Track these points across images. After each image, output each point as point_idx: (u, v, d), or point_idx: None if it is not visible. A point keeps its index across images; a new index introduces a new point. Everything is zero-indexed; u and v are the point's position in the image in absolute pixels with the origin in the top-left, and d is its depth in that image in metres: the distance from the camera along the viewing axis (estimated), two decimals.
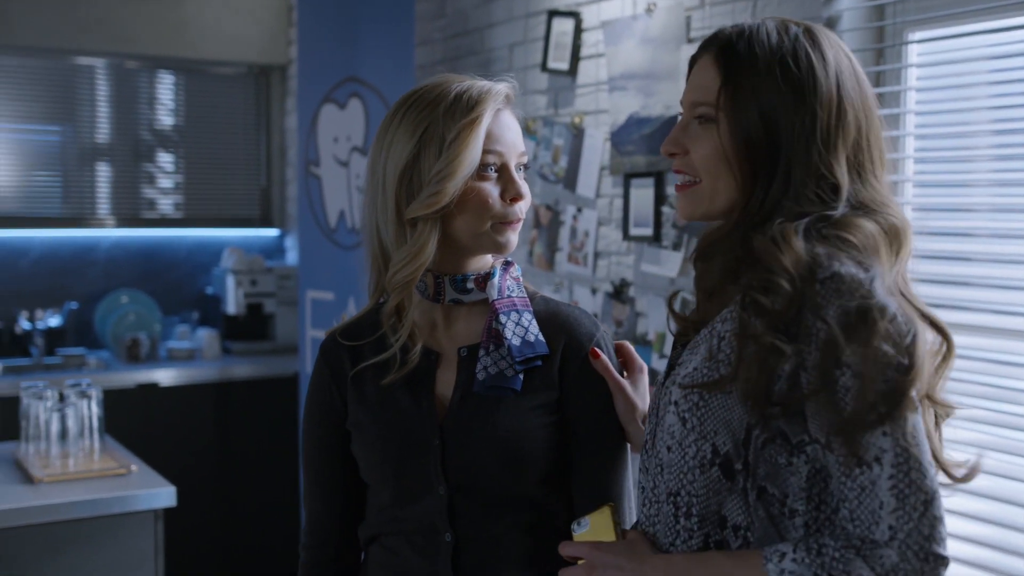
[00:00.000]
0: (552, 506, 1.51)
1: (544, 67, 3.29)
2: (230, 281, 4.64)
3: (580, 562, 1.32)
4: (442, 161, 1.43)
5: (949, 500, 2.19)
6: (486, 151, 1.44)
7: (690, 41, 2.84)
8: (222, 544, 4.37)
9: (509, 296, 1.52)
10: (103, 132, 4.75)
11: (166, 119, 4.90)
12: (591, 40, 3.17)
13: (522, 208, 1.49)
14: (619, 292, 3.05)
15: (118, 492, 2.51)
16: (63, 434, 2.68)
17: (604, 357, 1.51)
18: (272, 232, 5.14)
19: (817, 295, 1.16)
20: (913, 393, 1.14)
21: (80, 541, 2.49)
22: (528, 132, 3.40)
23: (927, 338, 1.21)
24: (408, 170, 1.45)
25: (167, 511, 2.57)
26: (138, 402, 4.20)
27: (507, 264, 1.56)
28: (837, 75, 1.27)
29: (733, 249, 1.25)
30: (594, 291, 3.16)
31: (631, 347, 1.57)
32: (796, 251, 1.19)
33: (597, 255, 3.16)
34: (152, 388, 4.24)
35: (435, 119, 1.44)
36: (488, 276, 1.51)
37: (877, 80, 2.50)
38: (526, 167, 1.52)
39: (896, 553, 1.12)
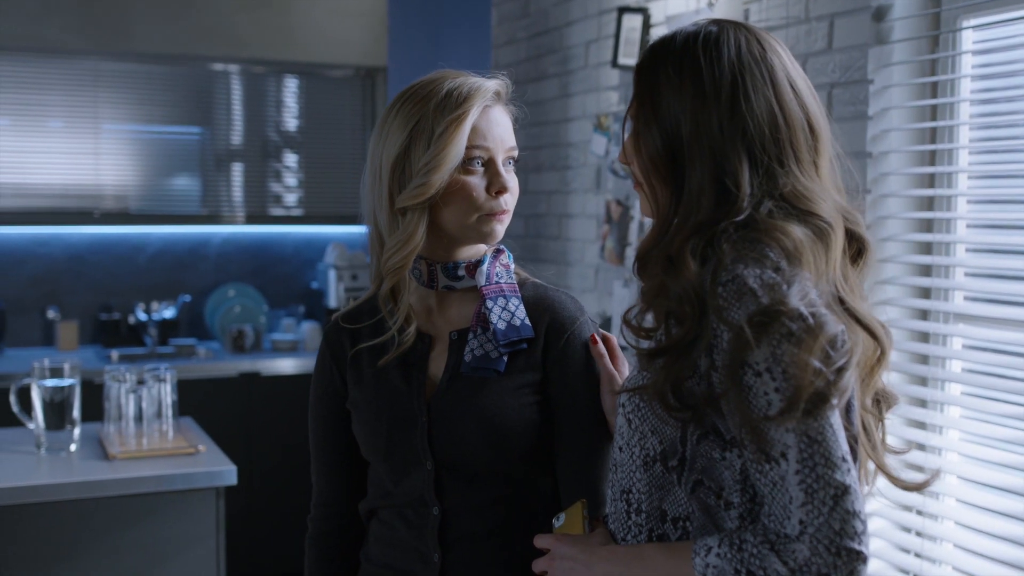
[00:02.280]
0: (534, 481, 1.57)
1: (615, 63, 3.31)
2: (332, 276, 4.81)
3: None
4: (429, 154, 1.49)
5: (1008, 503, 2.14)
6: (472, 146, 1.51)
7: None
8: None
9: (497, 282, 1.58)
10: (236, 134, 5.01)
11: (289, 121, 5.12)
12: (658, 35, 3.17)
13: (507, 200, 1.55)
14: None
15: (183, 470, 2.66)
16: (140, 415, 2.85)
17: (601, 346, 1.56)
18: None
19: (719, 298, 1.17)
20: (825, 392, 1.14)
21: (148, 514, 2.64)
22: (600, 128, 3.42)
23: (856, 341, 1.20)
24: (400, 161, 1.52)
25: (256, 488, 2.68)
26: (240, 390, 4.40)
27: (497, 251, 1.62)
28: (737, 72, 1.25)
29: (659, 262, 1.26)
30: None
31: (615, 340, 1.60)
32: (690, 272, 1.20)
33: None
34: (253, 377, 4.44)
35: (426, 114, 1.50)
36: (478, 263, 1.58)
37: (932, 68, 2.44)
38: (515, 160, 1.58)
39: (807, 547, 1.12)
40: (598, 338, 1.56)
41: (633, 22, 3.24)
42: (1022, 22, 2.26)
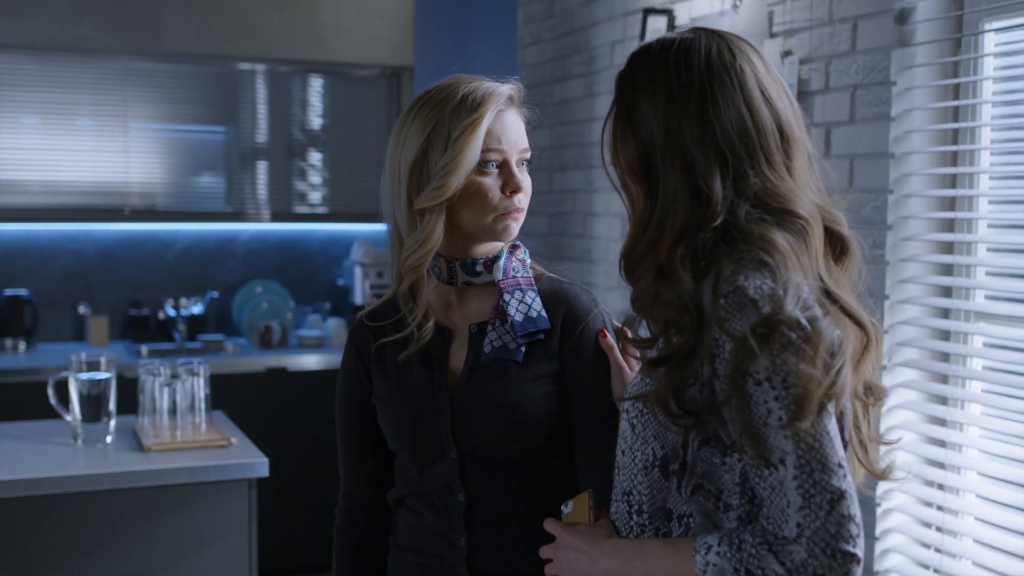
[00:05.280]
0: (553, 467, 1.63)
1: None
2: (357, 273, 4.87)
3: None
4: (446, 157, 1.56)
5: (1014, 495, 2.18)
6: (487, 149, 1.57)
7: (772, 35, 2.86)
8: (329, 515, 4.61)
9: (514, 276, 1.65)
10: (261, 132, 5.08)
11: (314, 119, 5.19)
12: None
13: (521, 199, 1.61)
14: None
15: (216, 461, 2.72)
16: (173, 408, 2.92)
17: (610, 338, 1.61)
18: None
19: (720, 309, 1.21)
20: (823, 399, 1.18)
21: (181, 505, 2.71)
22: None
23: (847, 334, 1.24)
24: (418, 164, 1.59)
25: (284, 481, 2.75)
26: (267, 385, 4.47)
27: (514, 247, 1.69)
28: (706, 79, 1.28)
29: (648, 270, 1.29)
30: None
31: (628, 332, 1.65)
32: (685, 283, 1.24)
33: None
34: (280, 372, 4.50)
35: (442, 118, 1.58)
36: (495, 259, 1.65)
37: (954, 70, 2.47)
38: (528, 162, 1.65)
39: (804, 549, 1.16)
40: (608, 331, 1.62)
41: (658, 23, 3.28)
42: None
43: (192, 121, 4.96)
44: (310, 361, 4.59)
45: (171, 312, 4.75)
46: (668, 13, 3.25)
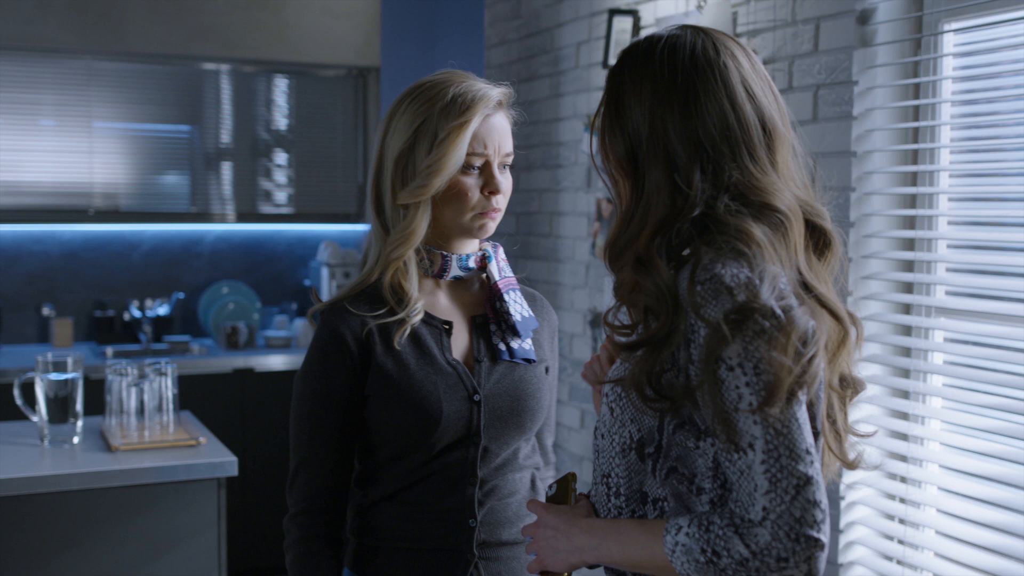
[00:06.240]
0: (535, 446, 1.83)
1: (605, 64, 3.38)
2: (324, 273, 4.87)
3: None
4: (431, 156, 1.62)
5: (966, 485, 2.22)
6: (471, 153, 1.64)
7: (736, 35, 2.89)
8: None
9: (506, 277, 1.76)
10: (226, 132, 5.07)
11: (279, 120, 5.18)
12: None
13: (499, 200, 1.69)
14: None
15: (185, 461, 2.72)
16: (141, 409, 2.91)
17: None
18: (367, 227, 5.35)
19: (697, 295, 1.24)
20: (793, 387, 1.21)
21: (151, 505, 2.70)
22: (591, 127, 3.49)
23: (822, 326, 1.28)
24: (403, 156, 1.64)
25: (250, 482, 2.78)
26: (234, 386, 4.46)
27: (495, 247, 1.78)
28: (689, 75, 1.31)
29: (628, 259, 1.33)
30: None
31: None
32: (661, 271, 1.28)
33: None
34: (247, 373, 4.49)
35: (431, 116, 1.63)
36: (485, 257, 1.74)
37: (915, 70, 2.52)
38: (510, 166, 1.72)
39: (769, 532, 1.19)
40: None
41: (624, 24, 3.32)
42: (1002, 25, 2.33)
43: (156, 121, 4.94)
44: (277, 362, 4.58)
45: (136, 313, 4.73)
46: (633, 14, 3.28)
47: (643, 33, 3.26)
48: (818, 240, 1.38)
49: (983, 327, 2.34)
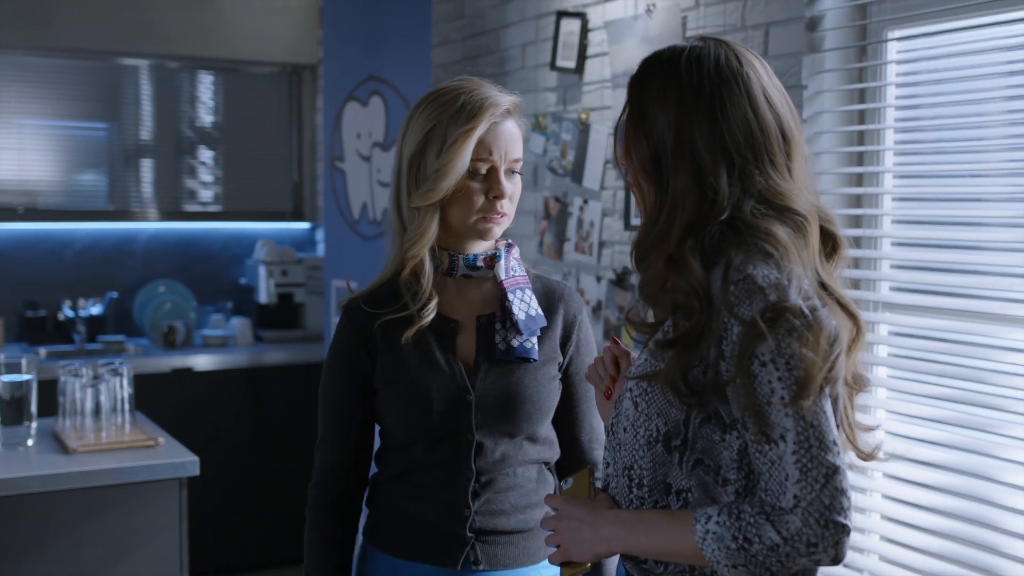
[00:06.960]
0: (540, 435, 1.83)
1: (553, 65, 3.45)
2: (262, 272, 4.84)
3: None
4: (439, 161, 1.71)
5: (933, 475, 2.34)
6: (476, 159, 1.72)
7: (686, 40, 2.97)
8: (248, 515, 4.62)
9: (514, 276, 1.82)
10: (147, 129, 5.00)
11: (206, 117, 5.13)
12: (596, 39, 3.32)
13: (504, 205, 1.76)
14: (621, 280, 3.20)
15: (146, 461, 2.71)
16: (97, 409, 2.88)
17: (621, 344, 1.71)
18: (304, 225, 5.34)
19: (730, 295, 1.31)
20: (821, 383, 1.29)
21: (111, 506, 2.69)
22: (539, 128, 3.55)
23: (841, 325, 1.35)
24: (415, 160, 1.74)
25: (198, 484, 2.79)
26: (173, 386, 4.42)
27: (509, 246, 1.85)
28: (715, 85, 1.38)
29: (658, 259, 1.39)
30: (599, 279, 3.31)
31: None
32: (695, 271, 1.34)
33: (602, 244, 3.31)
34: (186, 373, 4.46)
35: (441, 121, 1.72)
36: (495, 257, 1.81)
37: (860, 76, 2.63)
38: (518, 172, 1.79)
39: (799, 519, 1.26)
40: (617, 340, 1.75)
41: (571, 26, 3.38)
42: (943, 35, 2.45)
43: (76, 118, 4.86)
44: (215, 361, 4.55)
45: (69, 313, 4.65)
46: (582, 16, 3.34)
47: (592, 35, 3.33)
48: (828, 243, 1.46)
49: (926, 321, 2.46)
